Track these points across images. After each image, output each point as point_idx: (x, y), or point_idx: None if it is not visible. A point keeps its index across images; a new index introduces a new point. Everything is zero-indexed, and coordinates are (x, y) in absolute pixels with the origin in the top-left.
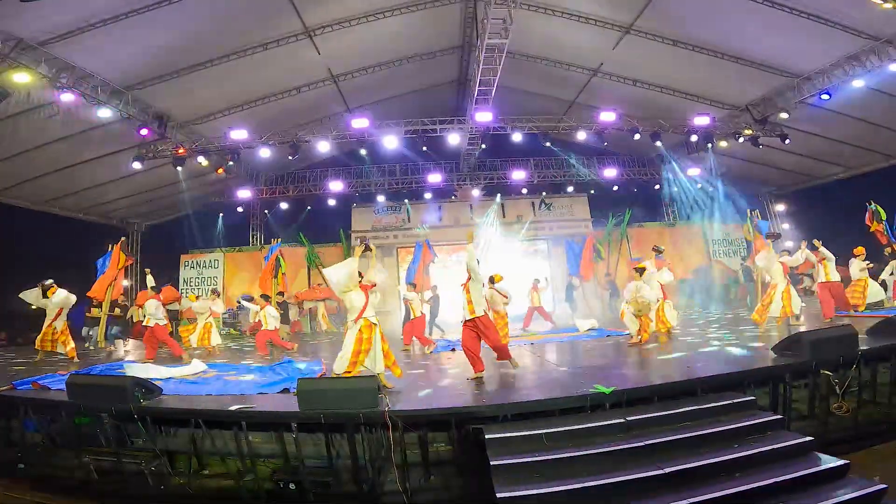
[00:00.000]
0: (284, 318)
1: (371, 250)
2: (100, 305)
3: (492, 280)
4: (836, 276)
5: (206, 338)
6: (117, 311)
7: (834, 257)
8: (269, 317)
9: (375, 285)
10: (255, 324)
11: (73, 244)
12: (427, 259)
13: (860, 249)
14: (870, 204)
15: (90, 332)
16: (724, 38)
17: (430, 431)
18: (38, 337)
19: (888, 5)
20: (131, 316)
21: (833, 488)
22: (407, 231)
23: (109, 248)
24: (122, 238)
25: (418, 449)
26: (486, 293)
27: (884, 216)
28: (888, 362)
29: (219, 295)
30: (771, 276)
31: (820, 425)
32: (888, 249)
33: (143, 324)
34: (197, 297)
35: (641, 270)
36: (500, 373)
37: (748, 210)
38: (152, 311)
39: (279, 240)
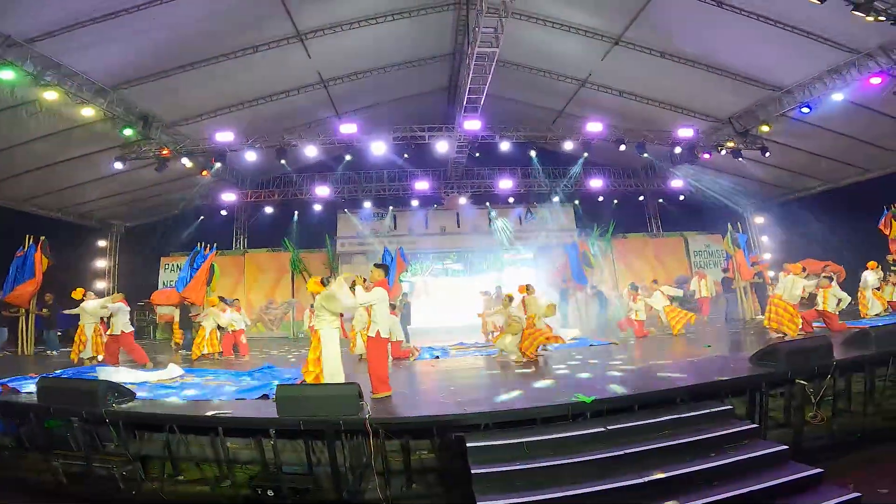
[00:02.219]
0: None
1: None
2: (11, 307)
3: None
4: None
5: (213, 344)
6: (45, 311)
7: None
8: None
9: None
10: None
11: (50, 244)
12: (401, 269)
13: (873, 264)
14: (890, 208)
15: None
16: (710, 50)
17: (412, 439)
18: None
19: (871, 18)
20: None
21: (808, 497)
22: (392, 238)
23: (28, 244)
24: (42, 238)
25: (400, 456)
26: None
27: None
28: (862, 372)
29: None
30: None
31: (795, 434)
32: (892, 258)
33: (110, 332)
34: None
35: (511, 298)
36: (483, 381)
37: (728, 224)
38: (122, 319)
39: (213, 245)
